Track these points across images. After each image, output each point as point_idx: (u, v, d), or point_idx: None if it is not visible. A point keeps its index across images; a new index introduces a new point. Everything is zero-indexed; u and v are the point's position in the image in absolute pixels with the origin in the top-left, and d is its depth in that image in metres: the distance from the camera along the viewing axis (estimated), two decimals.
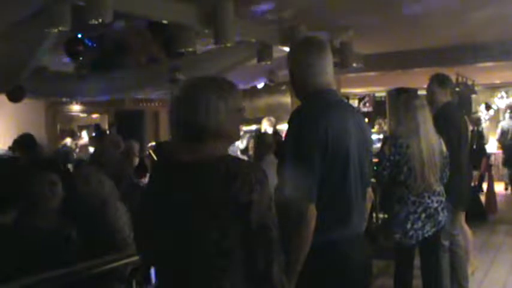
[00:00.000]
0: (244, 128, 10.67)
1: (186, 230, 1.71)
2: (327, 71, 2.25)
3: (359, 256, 2.21)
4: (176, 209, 1.73)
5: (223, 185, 1.68)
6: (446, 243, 4.08)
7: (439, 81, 4.52)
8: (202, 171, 1.72)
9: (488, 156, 9.42)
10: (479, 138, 9.54)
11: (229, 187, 1.67)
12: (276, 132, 7.68)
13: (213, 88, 1.77)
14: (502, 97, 13.81)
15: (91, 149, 8.28)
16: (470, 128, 10.05)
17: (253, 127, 10.50)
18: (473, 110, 10.92)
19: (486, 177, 8.85)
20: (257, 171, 1.75)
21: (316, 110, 2.17)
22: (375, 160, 4.07)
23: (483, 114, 12.10)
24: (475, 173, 8.39)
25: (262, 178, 1.74)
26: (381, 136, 11.20)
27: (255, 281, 1.71)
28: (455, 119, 4.42)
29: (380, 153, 3.89)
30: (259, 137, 5.29)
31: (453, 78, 8.80)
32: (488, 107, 12.53)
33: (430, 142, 3.68)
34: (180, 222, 1.71)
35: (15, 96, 7.71)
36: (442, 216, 3.77)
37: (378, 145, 9.37)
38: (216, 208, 1.68)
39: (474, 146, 9.40)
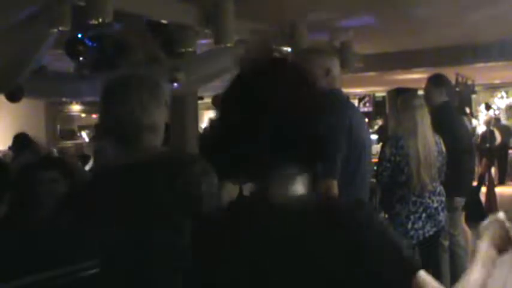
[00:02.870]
0: None
1: (139, 234, 1.68)
2: (339, 74, 2.58)
3: None
4: (126, 214, 1.69)
5: (170, 183, 1.65)
6: (446, 243, 4.08)
7: (434, 81, 4.54)
8: (147, 173, 1.69)
9: (489, 156, 9.43)
10: (491, 137, 9.56)
11: (176, 184, 1.65)
12: None
13: (143, 86, 1.76)
14: (502, 97, 13.82)
15: None
16: (484, 128, 10.12)
17: None
18: (474, 110, 10.93)
19: (486, 177, 8.85)
20: (201, 162, 1.71)
21: (339, 102, 2.46)
22: (375, 160, 4.08)
23: (482, 114, 12.13)
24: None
25: (208, 168, 1.68)
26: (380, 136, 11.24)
27: None
28: (450, 119, 4.43)
29: (380, 154, 3.89)
30: None
31: (453, 78, 8.82)
32: (488, 107, 12.55)
33: (427, 142, 3.69)
34: (132, 227, 1.68)
35: (13, 96, 7.72)
36: (442, 216, 3.78)
37: (378, 145, 9.39)
38: (166, 208, 1.65)
39: (488, 145, 9.44)
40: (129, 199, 1.69)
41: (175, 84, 7.12)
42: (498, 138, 10.36)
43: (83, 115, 12.37)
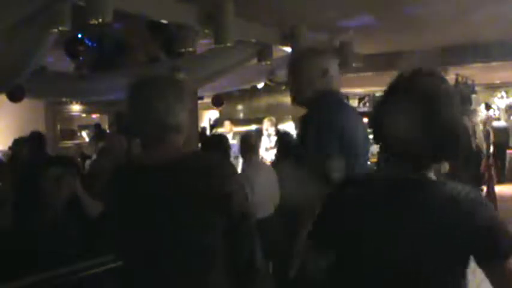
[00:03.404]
0: (244, 128, 10.68)
1: (166, 230, 1.71)
2: (337, 74, 2.50)
3: None
4: (155, 211, 1.72)
5: (200, 181, 1.70)
6: None
7: None
8: (177, 171, 1.73)
9: (489, 156, 9.42)
10: (487, 137, 9.55)
11: (206, 182, 1.70)
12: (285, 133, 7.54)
13: (169, 88, 1.81)
14: (502, 97, 13.81)
15: None
16: (481, 127, 10.12)
17: (253, 127, 10.49)
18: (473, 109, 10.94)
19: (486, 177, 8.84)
20: (228, 164, 1.83)
21: (332, 108, 2.38)
22: (374, 160, 4.08)
23: (482, 114, 12.13)
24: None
25: (234, 170, 1.82)
26: None
27: (240, 269, 1.77)
28: None
29: (379, 154, 3.88)
30: (242, 138, 5.17)
31: (453, 78, 8.81)
32: (488, 107, 12.54)
33: None
34: (160, 223, 1.71)
35: (15, 96, 7.72)
36: None
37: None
38: (196, 205, 1.70)
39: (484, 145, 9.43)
40: (159, 198, 1.72)
41: None
42: (491, 138, 10.39)
43: (83, 115, 12.37)
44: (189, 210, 1.70)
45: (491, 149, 10.13)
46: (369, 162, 2.66)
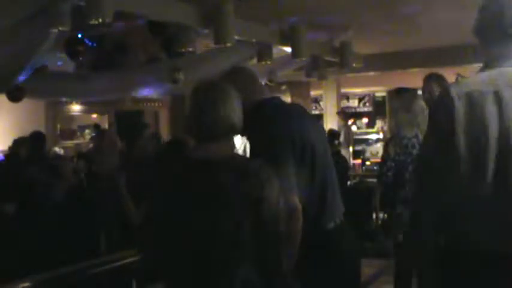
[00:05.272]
0: None
1: (203, 223, 1.80)
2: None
3: (347, 242, 2.31)
4: (193, 204, 1.83)
5: (237, 182, 1.79)
6: None
7: (437, 80, 4.53)
8: (219, 169, 1.83)
9: None
10: None
11: (242, 184, 1.78)
12: None
13: (234, 90, 1.94)
14: None
15: None
16: None
17: None
18: None
19: None
20: (266, 169, 1.85)
21: (279, 117, 2.32)
22: (378, 161, 4.10)
23: None
24: None
25: (272, 176, 1.83)
26: (381, 136, 11.18)
27: (267, 271, 1.80)
28: None
29: (384, 154, 3.91)
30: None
31: (453, 78, 8.81)
32: None
33: None
34: (197, 216, 1.81)
35: (14, 96, 7.71)
36: None
37: (378, 145, 9.34)
38: (231, 202, 1.78)
39: None
40: (199, 196, 1.83)
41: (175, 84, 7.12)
42: None
43: (83, 115, 12.37)
44: (222, 207, 1.78)
45: None
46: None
